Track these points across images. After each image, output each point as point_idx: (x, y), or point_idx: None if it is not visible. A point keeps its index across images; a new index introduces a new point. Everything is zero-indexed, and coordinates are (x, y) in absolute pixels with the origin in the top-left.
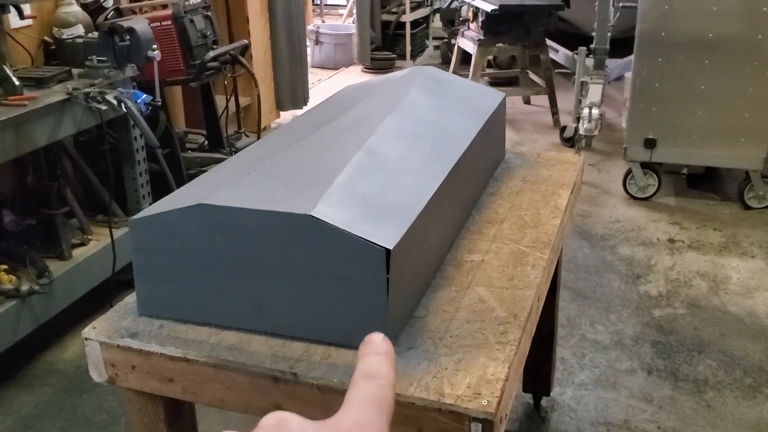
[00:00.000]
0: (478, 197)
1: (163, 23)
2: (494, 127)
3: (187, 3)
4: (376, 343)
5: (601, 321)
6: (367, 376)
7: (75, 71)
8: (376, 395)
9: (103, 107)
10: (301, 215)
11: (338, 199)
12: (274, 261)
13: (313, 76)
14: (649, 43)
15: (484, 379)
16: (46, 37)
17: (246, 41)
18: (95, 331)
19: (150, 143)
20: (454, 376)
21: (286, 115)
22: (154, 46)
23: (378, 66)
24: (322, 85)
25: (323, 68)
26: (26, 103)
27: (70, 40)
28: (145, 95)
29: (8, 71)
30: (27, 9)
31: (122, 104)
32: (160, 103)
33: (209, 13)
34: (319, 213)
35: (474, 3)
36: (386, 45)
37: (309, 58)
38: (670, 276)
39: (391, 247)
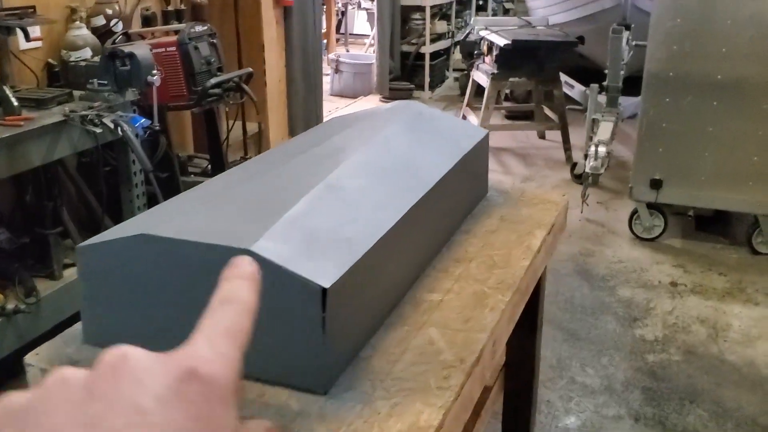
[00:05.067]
0: (450, 234)
1: (167, 49)
2: (474, 163)
3: (192, 30)
4: (241, 266)
5: (593, 364)
6: (224, 301)
7: (76, 93)
8: (230, 324)
9: (98, 130)
10: (240, 249)
11: (284, 234)
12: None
13: (331, 104)
14: (657, 83)
15: (416, 425)
16: (50, 59)
17: (250, 69)
18: (37, 358)
19: (143, 167)
20: (385, 421)
21: None
22: (154, 72)
23: (396, 96)
24: (338, 114)
25: (342, 97)
26: (21, 123)
27: (74, 63)
28: (143, 119)
29: (8, 92)
30: (36, 31)
31: (119, 128)
32: (158, 128)
33: (215, 41)
34: (259, 247)
35: (488, 37)
36: (405, 75)
37: (328, 86)
38: (668, 320)
39: (327, 286)
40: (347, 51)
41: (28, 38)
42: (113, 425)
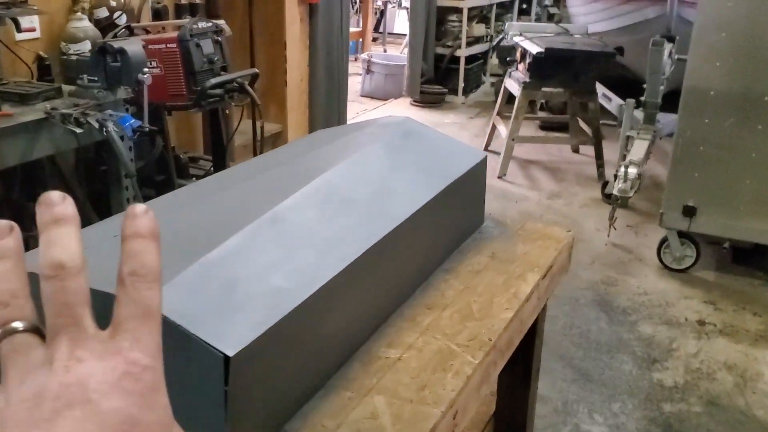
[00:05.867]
0: (428, 274)
1: (168, 45)
2: (467, 190)
3: (195, 26)
4: (139, 219)
5: (602, 410)
6: (133, 274)
7: (67, 89)
8: (145, 305)
9: (78, 130)
10: None
11: (196, 282)
12: None
13: (360, 105)
14: (696, 101)
15: None
16: (40, 52)
17: (255, 70)
18: None
19: (126, 171)
20: None
21: None
22: (146, 69)
23: (426, 100)
24: (365, 116)
25: (372, 98)
26: None
27: (65, 57)
28: (133, 120)
29: None
30: (32, 22)
31: (104, 128)
32: (147, 129)
33: (220, 38)
34: None
35: (522, 44)
36: (438, 79)
37: (358, 87)
38: (691, 365)
39: (231, 354)
40: (384, 51)
41: (19, 29)
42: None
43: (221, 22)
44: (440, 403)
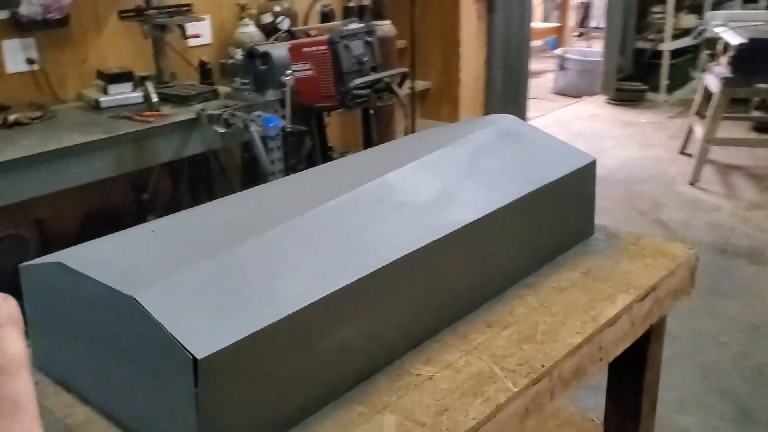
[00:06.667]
0: (503, 287)
1: (319, 48)
2: (564, 198)
3: (345, 29)
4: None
5: None
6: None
7: (223, 91)
8: (14, 403)
9: (221, 129)
10: (125, 296)
11: (197, 282)
12: (112, 339)
13: (549, 104)
14: None
15: None
16: (202, 57)
17: (405, 69)
18: None
19: (263, 170)
20: None
21: None
22: (288, 72)
23: (623, 97)
24: (553, 115)
25: (565, 96)
26: (151, 120)
27: (223, 61)
28: (278, 121)
29: (150, 88)
30: (200, 28)
31: (247, 128)
32: (289, 130)
33: (371, 39)
34: (144, 297)
35: (722, 35)
36: (638, 75)
37: (551, 84)
38: None
39: (200, 356)
40: (589, 47)
41: (184, 35)
42: None
43: (385, 23)
44: None
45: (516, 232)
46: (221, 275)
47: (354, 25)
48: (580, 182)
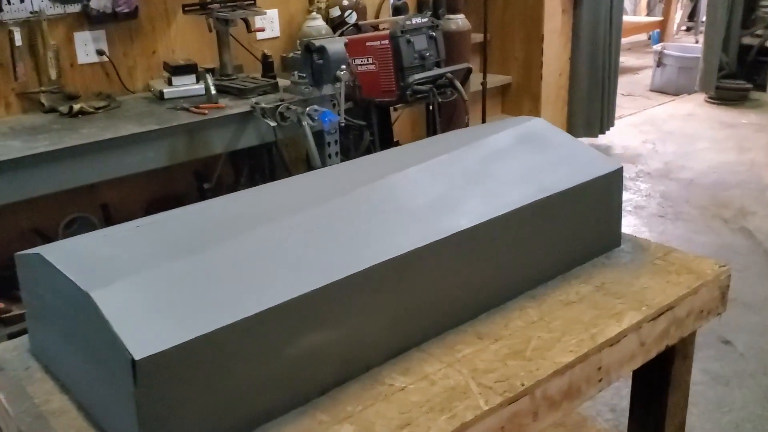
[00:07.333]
0: (506, 297)
1: (381, 42)
2: (585, 207)
3: (408, 23)
4: None
5: None
6: None
7: (283, 85)
8: None
9: (272, 123)
10: (83, 291)
11: (154, 281)
12: (77, 332)
13: (645, 101)
14: None
15: None
16: (265, 51)
17: (468, 65)
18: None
19: (313, 164)
20: None
21: None
22: (343, 67)
23: (724, 96)
24: (645, 113)
25: (662, 93)
26: (206, 112)
27: (284, 55)
28: (333, 116)
29: (209, 81)
30: (265, 21)
31: (300, 122)
32: (344, 125)
33: (434, 33)
34: (98, 295)
35: None
36: (743, 72)
37: (648, 81)
38: None
39: (137, 357)
40: (696, 42)
41: (249, 29)
42: None
43: (459, 17)
44: None
45: (522, 241)
46: (188, 276)
47: (417, 19)
48: (604, 191)
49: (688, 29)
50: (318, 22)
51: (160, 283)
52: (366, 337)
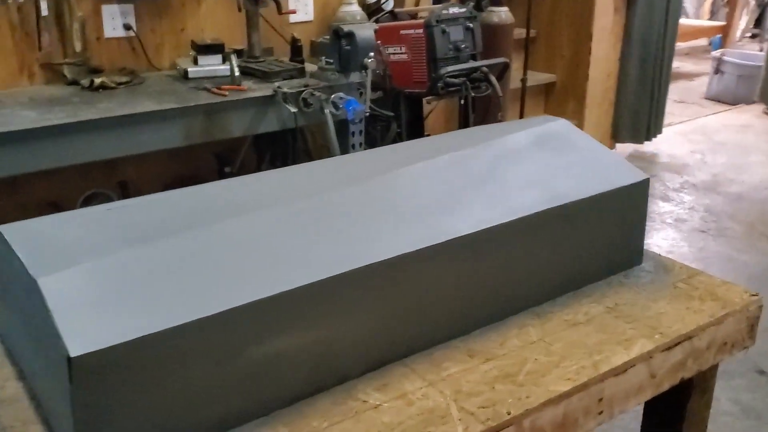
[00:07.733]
0: (507, 313)
1: (415, 31)
2: (604, 219)
3: (444, 12)
4: None
5: None
6: None
7: (310, 70)
8: None
9: (293, 109)
10: (31, 277)
11: (109, 270)
12: (29, 318)
13: (699, 109)
14: None
15: None
16: (294, 34)
17: (505, 59)
18: None
19: (332, 153)
20: None
21: (623, 148)
22: (371, 54)
23: None
24: (697, 122)
25: (718, 102)
26: (226, 93)
27: (313, 39)
28: (358, 104)
29: (234, 62)
30: (309, 4)
31: (322, 109)
32: (368, 114)
33: (471, 25)
34: (44, 282)
35: None
36: None
37: (704, 88)
38: None
39: (73, 354)
40: (761, 50)
41: (280, 10)
42: None
43: (502, 9)
44: None
45: (528, 252)
46: (148, 266)
47: (455, 9)
48: (626, 203)
49: (754, 36)
50: (353, 8)
51: (116, 273)
52: (343, 345)
